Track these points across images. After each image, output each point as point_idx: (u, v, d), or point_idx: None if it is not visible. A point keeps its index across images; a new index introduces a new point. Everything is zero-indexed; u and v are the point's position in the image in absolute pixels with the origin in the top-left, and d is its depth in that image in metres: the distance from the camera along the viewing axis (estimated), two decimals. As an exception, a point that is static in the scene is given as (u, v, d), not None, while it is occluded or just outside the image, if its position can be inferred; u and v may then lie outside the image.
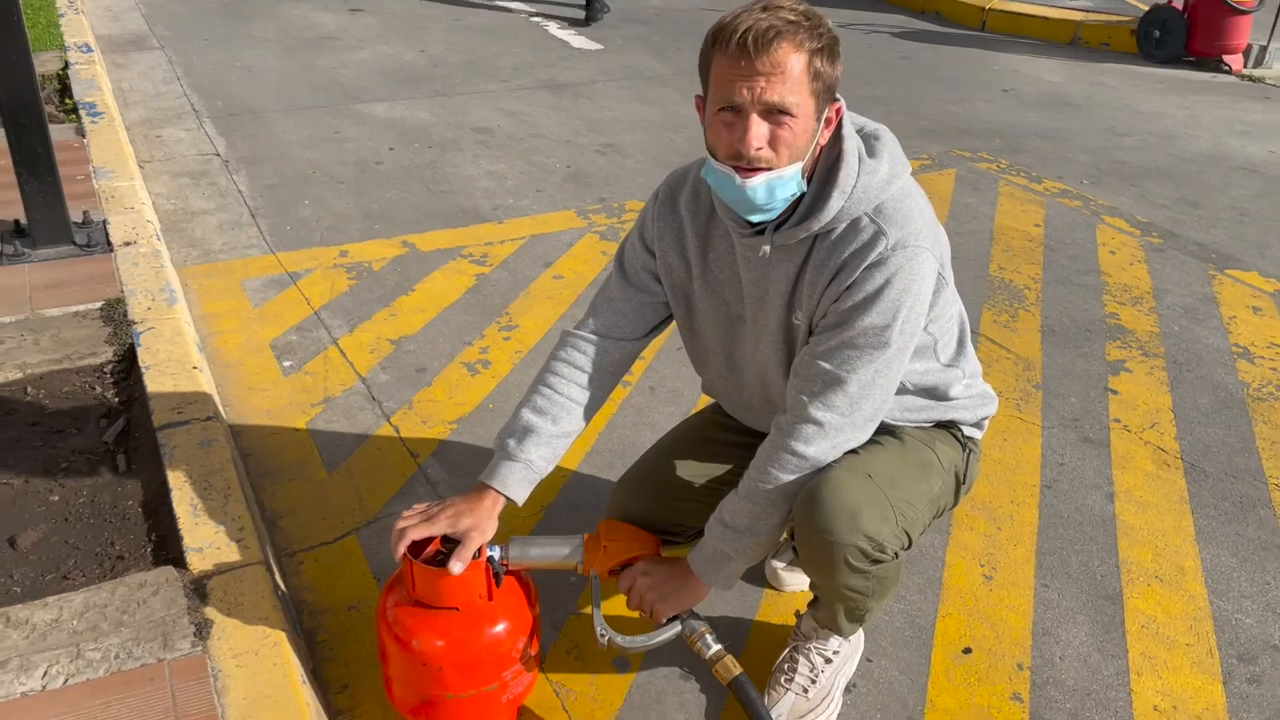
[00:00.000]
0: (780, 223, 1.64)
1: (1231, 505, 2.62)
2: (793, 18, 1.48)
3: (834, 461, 1.66)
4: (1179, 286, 3.83)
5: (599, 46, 7.15)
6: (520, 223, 4.16)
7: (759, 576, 2.29)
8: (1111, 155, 5.33)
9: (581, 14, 7.81)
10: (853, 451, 1.69)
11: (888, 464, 1.71)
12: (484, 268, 3.75)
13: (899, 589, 2.26)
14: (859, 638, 2.02)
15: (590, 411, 1.86)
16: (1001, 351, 3.30)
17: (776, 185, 1.54)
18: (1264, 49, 7.22)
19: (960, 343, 1.82)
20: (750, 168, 1.52)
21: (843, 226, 1.59)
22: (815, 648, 1.91)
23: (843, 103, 1.61)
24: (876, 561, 1.65)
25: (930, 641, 2.15)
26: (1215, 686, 2.07)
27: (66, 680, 1.77)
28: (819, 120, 1.54)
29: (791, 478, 1.64)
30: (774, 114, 1.50)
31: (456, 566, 1.66)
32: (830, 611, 1.81)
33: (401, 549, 1.70)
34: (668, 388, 3.04)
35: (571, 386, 1.84)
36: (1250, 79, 7.05)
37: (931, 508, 1.77)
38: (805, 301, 1.65)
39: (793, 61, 1.47)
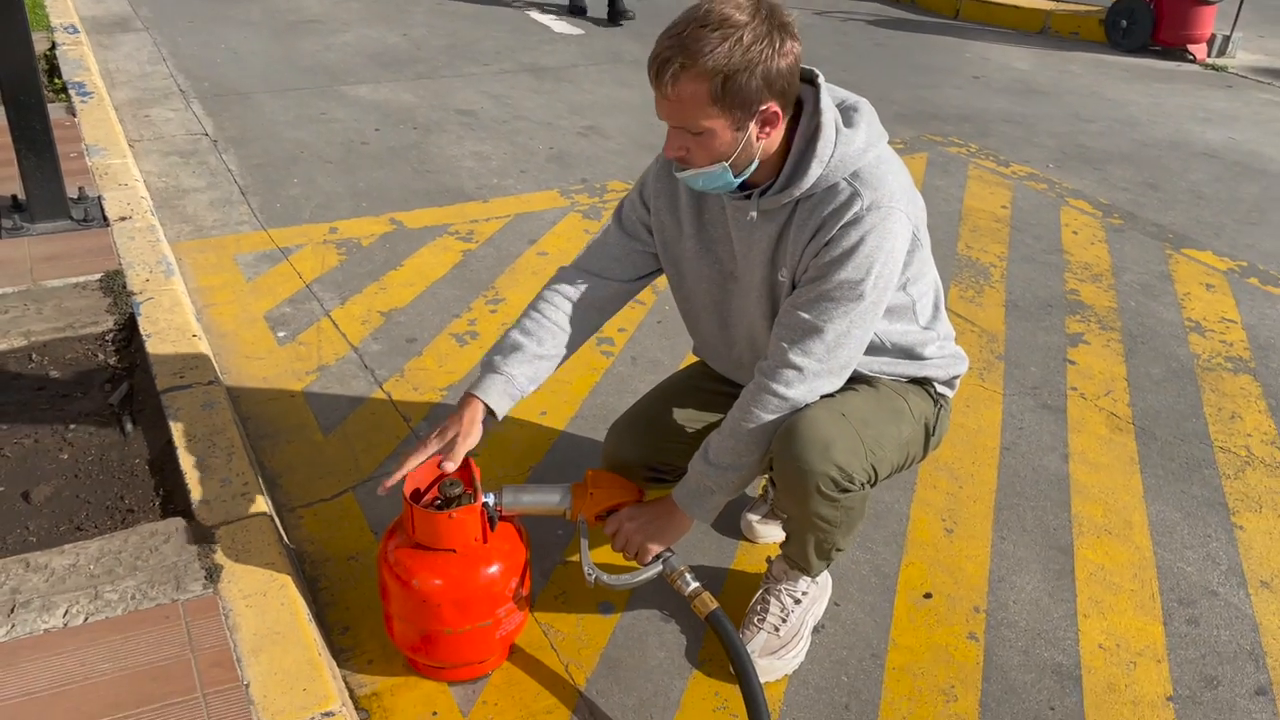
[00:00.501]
0: (765, 189, 1.78)
1: (1178, 466, 2.79)
2: (708, 45, 1.58)
3: (812, 402, 1.81)
4: (1137, 265, 4.00)
5: (580, 31, 7.25)
6: (505, 201, 4.28)
7: (734, 529, 2.43)
8: (1077, 140, 5.50)
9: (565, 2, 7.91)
10: (830, 395, 1.84)
11: (861, 406, 1.86)
12: (470, 244, 3.86)
13: (862, 529, 2.42)
14: (826, 581, 2.17)
15: (574, 341, 2.00)
16: (967, 325, 3.46)
17: (703, 178, 1.74)
18: (1227, 39, 7.41)
19: (936, 307, 1.97)
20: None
21: (822, 190, 1.74)
22: (785, 589, 2.06)
23: (819, 75, 1.75)
24: (845, 491, 1.79)
25: (894, 588, 2.30)
26: (1156, 627, 2.24)
27: (86, 618, 1.89)
28: (740, 129, 1.67)
29: (771, 417, 1.78)
30: (685, 131, 1.67)
31: (449, 465, 1.83)
32: (801, 545, 1.95)
33: (395, 480, 1.82)
34: (648, 358, 3.17)
35: (559, 314, 1.97)
36: (1213, 68, 7.25)
37: (900, 451, 1.92)
38: (789, 259, 1.79)
39: (692, 92, 1.61)
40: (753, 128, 1.68)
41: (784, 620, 2.05)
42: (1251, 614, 2.29)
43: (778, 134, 1.72)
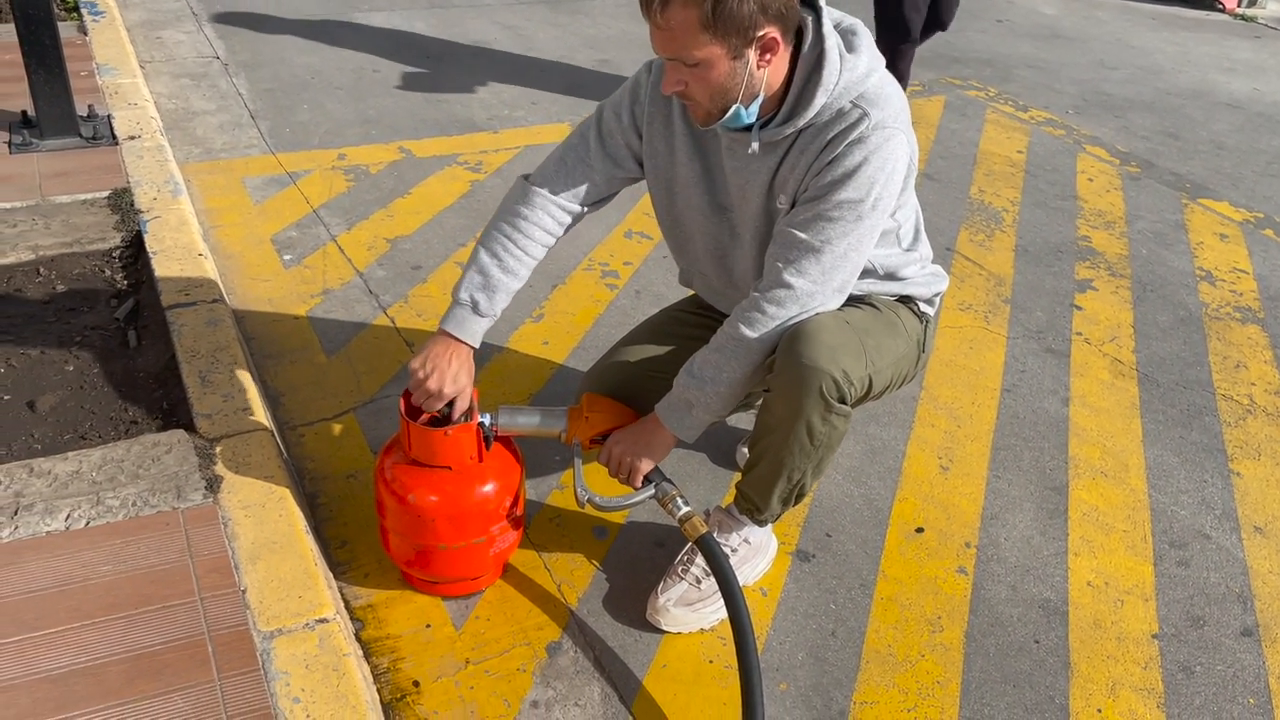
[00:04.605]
0: (766, 121, 1.75)
1: (1179, 412, 2.78)
2: None
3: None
4: (1151, 213, 3.96)
5: (598, -36, 7.13)
6: (515, 133, 4.25)
7: (730, 461, 2.45)
8: (1099, 87, 5.41)
9: None
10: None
11: (862, 318, 1.86)
12: (479, 174, 3.85)
13: (829, 471, 2.43)
14: (765, 546, 2.11)
15: (534, 268, 1.99)
16: (975, 268, 3.44)
17: (728, 123, 1.72)
18: (1259, -12, 7.26)
19: (917, 230, 1.97)
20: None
21: (827, 116, 1.71)
22: (719, 542, 1.98)
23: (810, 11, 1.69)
24: (842, 400, 1.76)
25: (886, 521, 2.32)
26: (1146, 567, 2.25)
27: (88, 523, 1.93)
28: (739, 58, 1.61)
29: (757, 335, 1.77)
30: (680, 64, 1.62)
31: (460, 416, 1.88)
32: (771, 472, 1.89)
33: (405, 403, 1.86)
34: (653, 291, 3.17)
35: (535, 246, 1.93)
36: (1243, 18, 7.10)
37: (894, 367, 1.90)
38: (789, 184, 1.76)
39: (683, 19, 1.55)
40: (752, 56, 1.62)
41: (708, 574, 2.00)
42: (1243, 558, 2.30)
43: (781, 62, 1.68)
